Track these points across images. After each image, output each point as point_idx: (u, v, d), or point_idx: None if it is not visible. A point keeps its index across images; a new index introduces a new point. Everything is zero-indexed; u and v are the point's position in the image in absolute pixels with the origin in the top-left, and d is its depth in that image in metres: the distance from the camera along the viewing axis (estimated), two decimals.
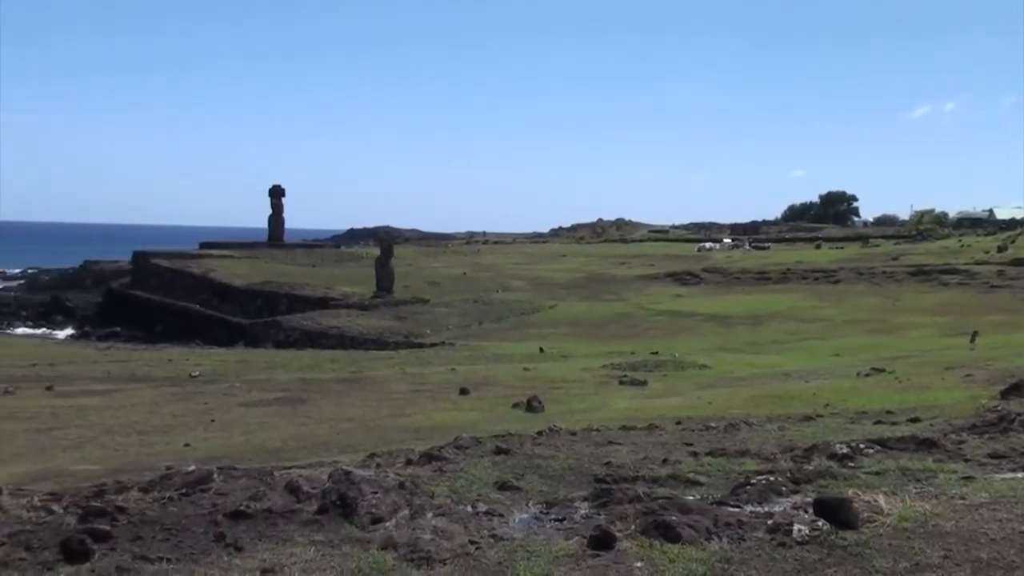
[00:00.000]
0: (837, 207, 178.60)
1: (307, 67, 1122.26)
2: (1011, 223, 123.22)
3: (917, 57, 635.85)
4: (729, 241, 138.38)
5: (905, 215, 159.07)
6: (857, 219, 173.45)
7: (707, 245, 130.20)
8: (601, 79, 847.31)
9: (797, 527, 5.82)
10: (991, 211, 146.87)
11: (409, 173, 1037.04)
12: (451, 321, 63.67)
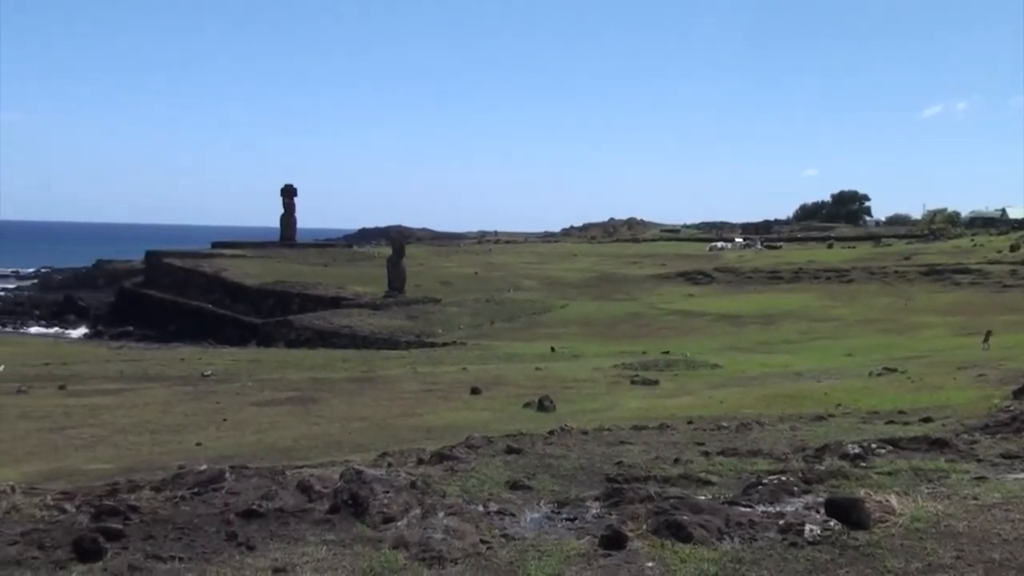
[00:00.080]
0: (849, 206, 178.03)
1: (320, 67, 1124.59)
2: (1023, 222, 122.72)
3: (929, 56, 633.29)
4: (741, 240, 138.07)
5: (917, 214, 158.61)
6: (869, 218, 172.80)
7: (719, 244, 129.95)
8: (612, 78, 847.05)
9: (809, 527, 5.81)
10: (1003, 210, 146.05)
11: (421, 173, 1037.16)
12: (463, 321, 63.71)
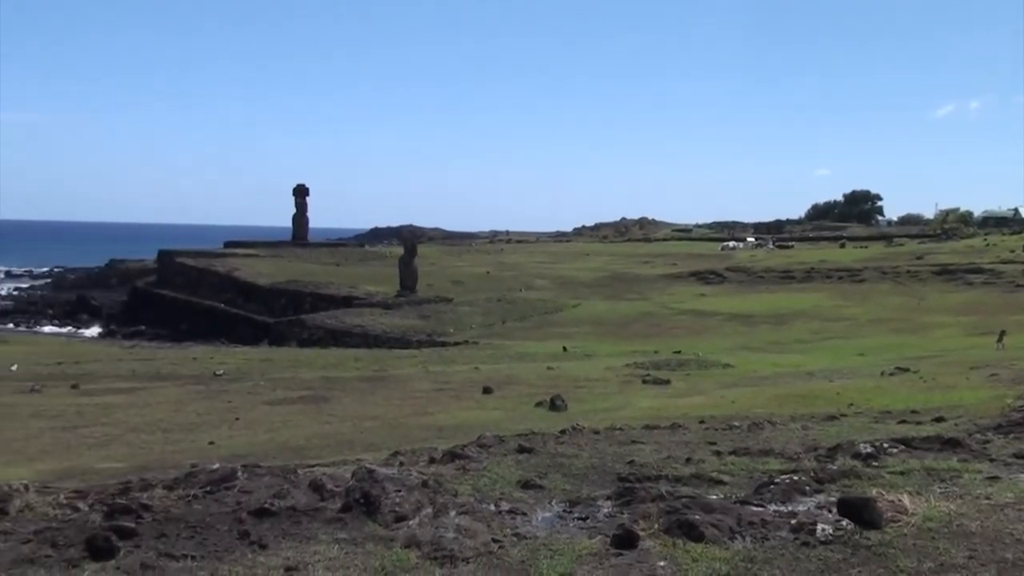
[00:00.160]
0: (861, 206, 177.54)
1: (333, 66, 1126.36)
2: None
3: (942, 56, 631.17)
4: (753, 240, 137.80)
5: (930, 214, 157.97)
6: (881, 218, 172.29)
7: (731, 244, 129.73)
8: (624, 78, 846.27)
9: (821, 527, 5.80)
10: (1016, 210, 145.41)
11: (433, 172, 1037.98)
12: (474, 320, 63.74)
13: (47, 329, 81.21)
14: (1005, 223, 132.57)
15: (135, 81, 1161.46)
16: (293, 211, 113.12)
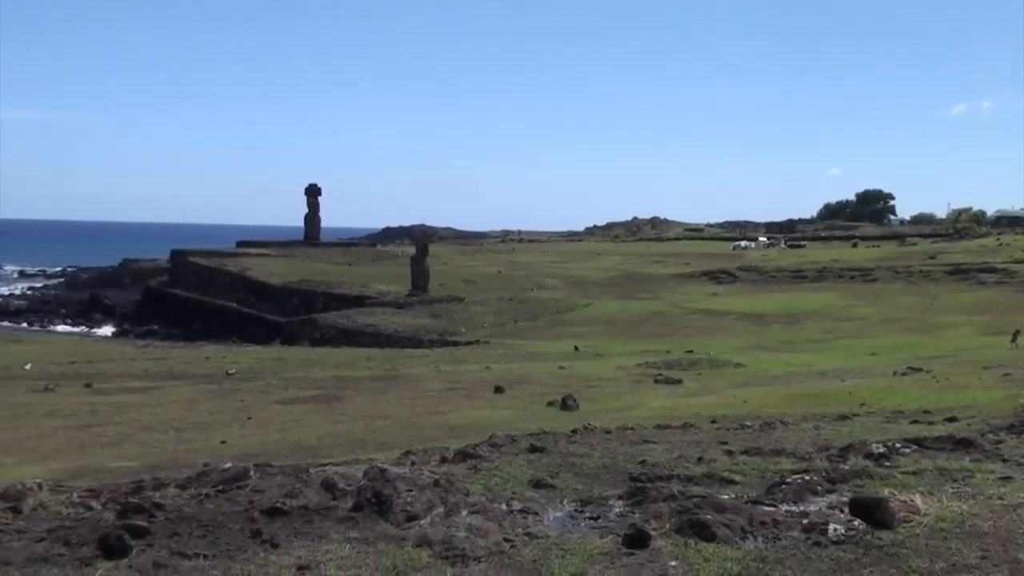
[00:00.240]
0: (873, 205, 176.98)
1: (346, 65, 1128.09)
2: None
3: (955, 55, 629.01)
4: (765, 239, 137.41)
5: (942, 213, 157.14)
6: (894, 217, 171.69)
7: (742, 243, 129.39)
8: (636, 77, 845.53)
9: (833, 527, 5.79)
10: None
11: (445, 172, 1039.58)
12: (486, 319, 63.72)
13: (60, 328, 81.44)
14: (1018, 222, 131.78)
15: (148, 80, 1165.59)
16: (305, 211, 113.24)
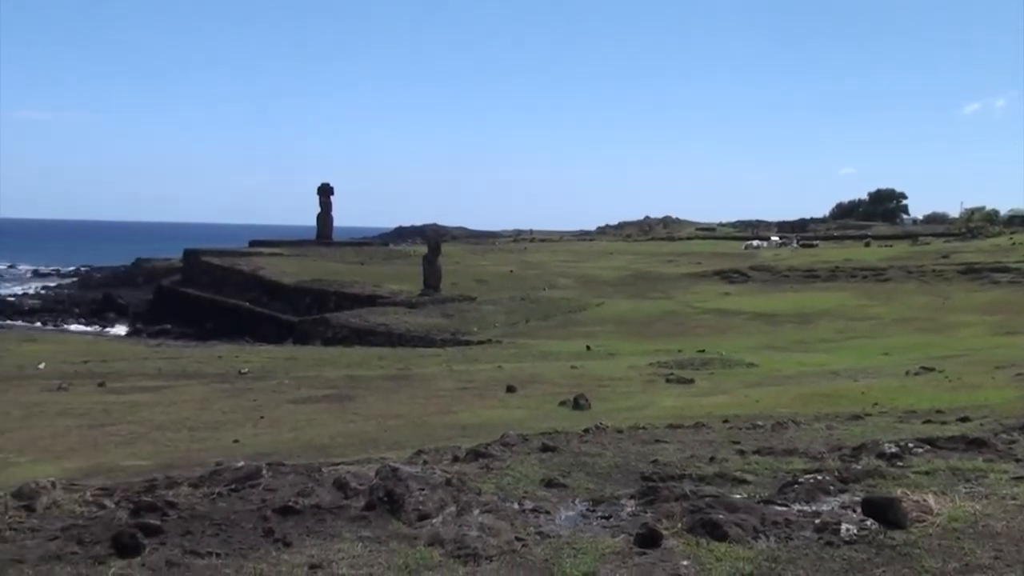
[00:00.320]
0: (886, 205, 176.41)
1: (358, 65, 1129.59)
2: None
3: (968, 53, 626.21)
4: (777, 239, 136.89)
5: (955, 213, 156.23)
6: (906, 217, 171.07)
7: (755, 243, 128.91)
8: (648, 76, 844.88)
9: (845, 526, 5.79)
10: None
11: (457, 172, 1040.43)
12: (498, 319, 63.68)
13: (74, 327, 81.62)
14: None
15: (161, 79, 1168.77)
16: (318, 210, 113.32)
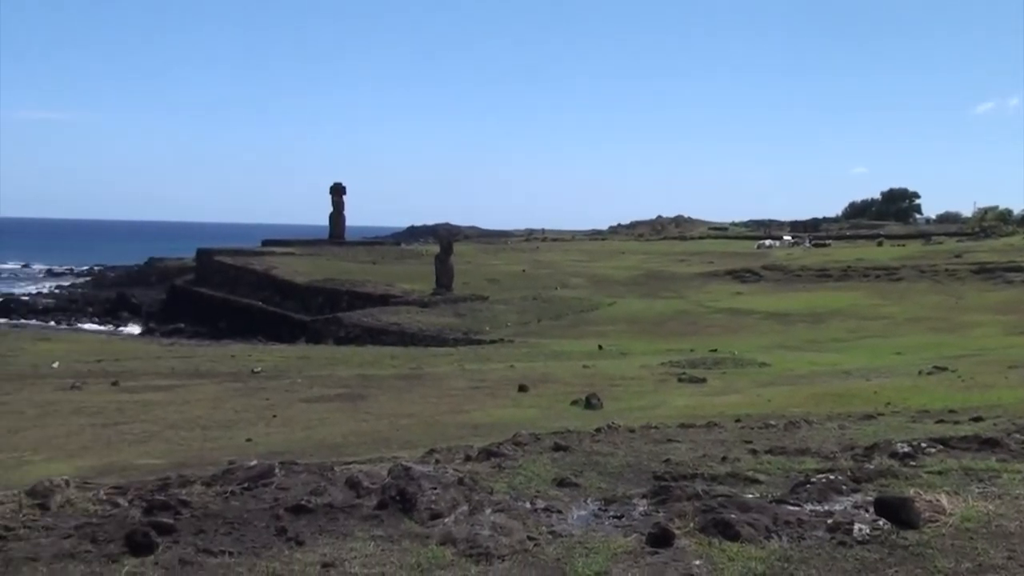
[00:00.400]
0: (899, 204, 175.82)
1: (370, 64, 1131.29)
2: None
3: (981, 52, 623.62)
4: (789, 238, 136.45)
5: (968, 212, 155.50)
6: (919, 216, 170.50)
7: (767, 242, 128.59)
8: (660, 76, 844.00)
9: (858, 526, 5.78)
10: None
11: (469, 171, 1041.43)
12: (510, 318, 63.68)
13: (88, 327, 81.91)
14: None
15: (175, 79, 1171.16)
16: (330, 210, 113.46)
